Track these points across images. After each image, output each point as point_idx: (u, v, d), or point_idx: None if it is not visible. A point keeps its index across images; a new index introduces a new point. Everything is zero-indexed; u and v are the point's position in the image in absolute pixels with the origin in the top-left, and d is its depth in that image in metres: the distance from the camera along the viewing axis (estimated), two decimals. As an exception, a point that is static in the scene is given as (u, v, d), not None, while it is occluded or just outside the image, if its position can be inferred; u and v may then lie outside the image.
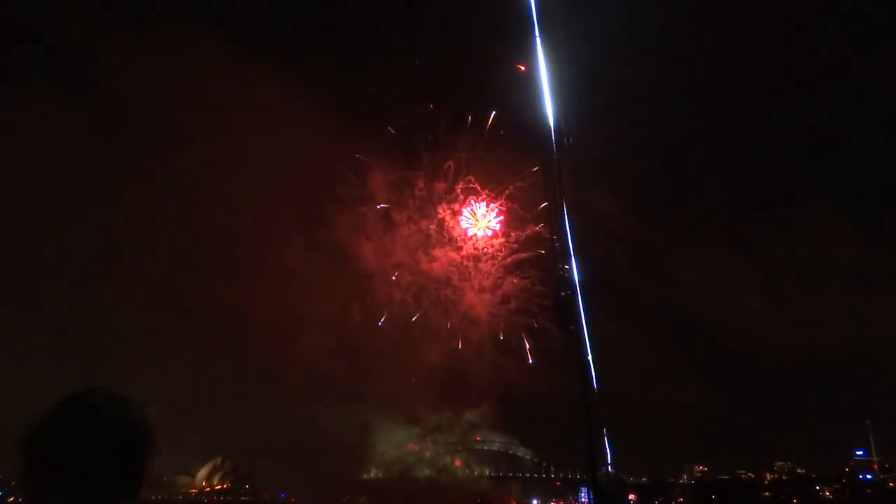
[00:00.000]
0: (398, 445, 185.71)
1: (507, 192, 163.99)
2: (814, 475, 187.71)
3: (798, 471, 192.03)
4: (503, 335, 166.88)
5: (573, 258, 5.74)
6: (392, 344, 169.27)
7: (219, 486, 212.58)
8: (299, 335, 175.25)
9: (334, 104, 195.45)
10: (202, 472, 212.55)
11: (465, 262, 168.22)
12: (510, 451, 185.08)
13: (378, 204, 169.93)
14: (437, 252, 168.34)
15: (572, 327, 5.38)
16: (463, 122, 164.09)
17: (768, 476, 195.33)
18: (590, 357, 5.48)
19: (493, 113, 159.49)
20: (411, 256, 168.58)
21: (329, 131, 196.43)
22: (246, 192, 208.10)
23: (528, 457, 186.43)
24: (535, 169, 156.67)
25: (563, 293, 5.48)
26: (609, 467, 5.40)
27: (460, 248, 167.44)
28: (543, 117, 5.97)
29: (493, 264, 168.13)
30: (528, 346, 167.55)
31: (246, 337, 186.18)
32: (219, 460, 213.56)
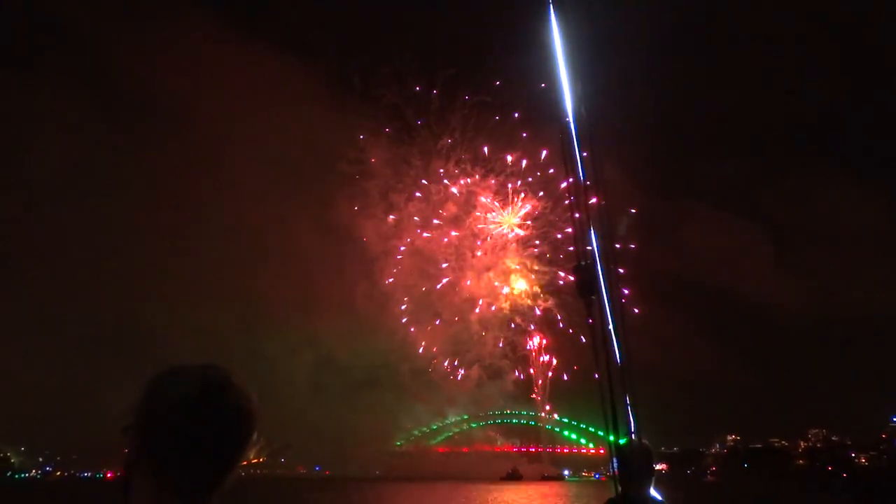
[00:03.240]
0: (420, 420, 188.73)
1: (513, 168, 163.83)
2: (849, 442, 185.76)
3: (832, 438, 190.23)
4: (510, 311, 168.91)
5: (592, 230, 5.61)
6: (402, 324, 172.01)
7: (255, 460, 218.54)
8: (311, 315, 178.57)
9: (333, 82, 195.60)
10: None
11: (468, 241, 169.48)
12: (538, 424, 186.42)
13: (379, 181, 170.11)
14: (439, 230, 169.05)
15: (594, 297, 5.28)
16: (465, 94, 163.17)
17: (802, 444, 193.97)
18: (611, 326, 5.39)
19: (497, 84, 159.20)
20: (414, 235, 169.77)
21: (329, 109, 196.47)
22: (251, 173, 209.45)
23: (553, 428, 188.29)
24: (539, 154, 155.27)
25: (584, 262, 5.38)
26: (633, 436, 5.35)
27: (462, 226, 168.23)
28: (558, 83, 5.80)
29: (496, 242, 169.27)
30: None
31: (263, 314, 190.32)
32: (254, 435, 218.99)
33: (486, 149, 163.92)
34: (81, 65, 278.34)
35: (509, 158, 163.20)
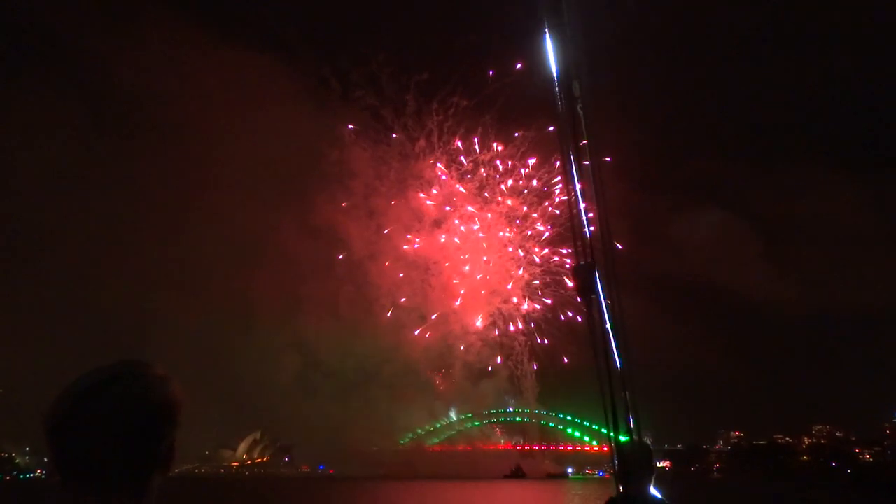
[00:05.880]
0: (423, 419, 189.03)
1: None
2: (853, 438, 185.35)
3: (836, 434, 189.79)
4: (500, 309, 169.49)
5: (587, 226, 5.63)
6: (391, 326, 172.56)
7: (259, 460, 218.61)
8: (304, 316, 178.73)
9: (313, 83, 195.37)
10: (242, 446, 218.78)
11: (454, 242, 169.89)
12: (540, 422, 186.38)
13: (360, 183, 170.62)
14: (421, 233, 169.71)
15: (593, 296, 5.30)
16: (441, 97, 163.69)
17: (806, 440, 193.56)
18: (608, 325, 5.42)
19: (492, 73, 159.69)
20: (398, 238, 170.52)
21: (310, 110, 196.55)
22: (234, 174, 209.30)
23: (556, 426, 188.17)
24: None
25: (583, 262, 5.40)
26: (632, 435, 5.38)
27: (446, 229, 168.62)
28: (549, 70, 5.81)
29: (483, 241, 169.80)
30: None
31: (258, 315, 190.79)
32: (258, 434, 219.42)
33: (466, 149, 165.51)
34: (63, 69, 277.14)
35: (492, 156, 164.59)
